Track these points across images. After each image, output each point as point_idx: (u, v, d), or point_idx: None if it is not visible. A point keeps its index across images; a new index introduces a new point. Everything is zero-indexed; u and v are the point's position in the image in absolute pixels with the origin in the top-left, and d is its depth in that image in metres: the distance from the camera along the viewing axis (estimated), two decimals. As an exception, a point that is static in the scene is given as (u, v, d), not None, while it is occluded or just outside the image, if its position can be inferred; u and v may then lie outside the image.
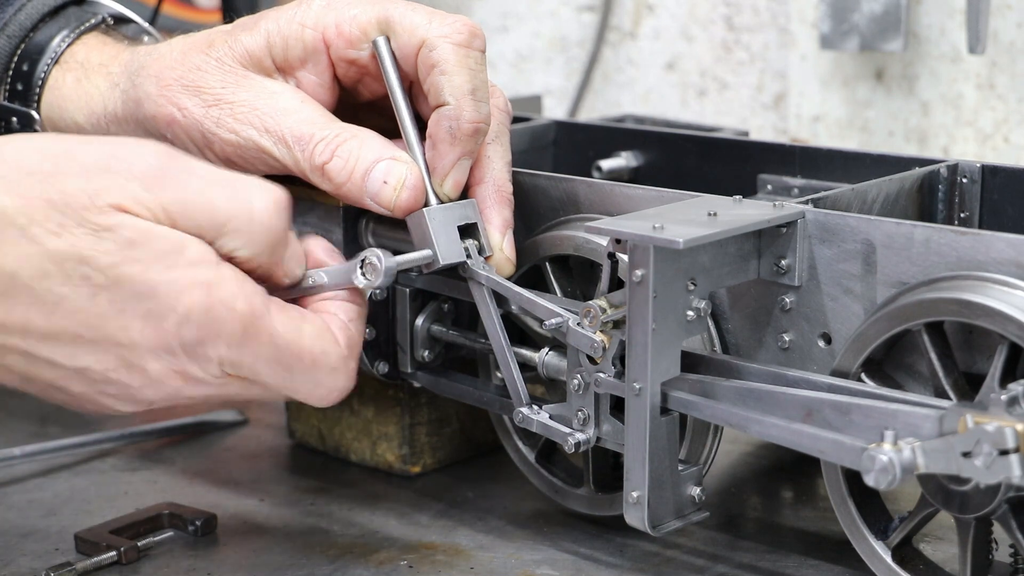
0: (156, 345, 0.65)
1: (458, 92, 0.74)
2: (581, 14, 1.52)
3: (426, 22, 0.75)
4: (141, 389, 0.67)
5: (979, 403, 0.64)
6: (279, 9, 0.78)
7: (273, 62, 0.77)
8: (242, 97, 0.76)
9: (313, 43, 0.76)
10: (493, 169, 0.78)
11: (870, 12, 1.21)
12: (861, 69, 1.27)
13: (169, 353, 0.66)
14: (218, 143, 0.76)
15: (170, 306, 0.65)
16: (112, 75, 0.81)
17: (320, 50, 0.77)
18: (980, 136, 1.22)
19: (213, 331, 0.66)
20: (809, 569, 0.76)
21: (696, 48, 1.44)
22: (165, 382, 0.67)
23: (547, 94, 1.52)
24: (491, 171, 0.78)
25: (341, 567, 0.77)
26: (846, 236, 0.70)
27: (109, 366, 0.66)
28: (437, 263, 0.74)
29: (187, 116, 0.76)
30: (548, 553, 0.78)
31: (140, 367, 0.66)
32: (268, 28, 0.77)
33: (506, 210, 0.77)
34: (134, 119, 0.79)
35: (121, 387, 0.67)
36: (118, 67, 0.81)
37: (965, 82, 1.22)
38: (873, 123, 1.27)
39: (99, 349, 0.65)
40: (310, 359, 0.69)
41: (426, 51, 0.75)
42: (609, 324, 0.71)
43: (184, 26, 1.56)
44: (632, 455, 0.70)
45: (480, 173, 0.77)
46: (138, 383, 0.67)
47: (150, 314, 0.65)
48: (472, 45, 0.75)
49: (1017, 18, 1.19)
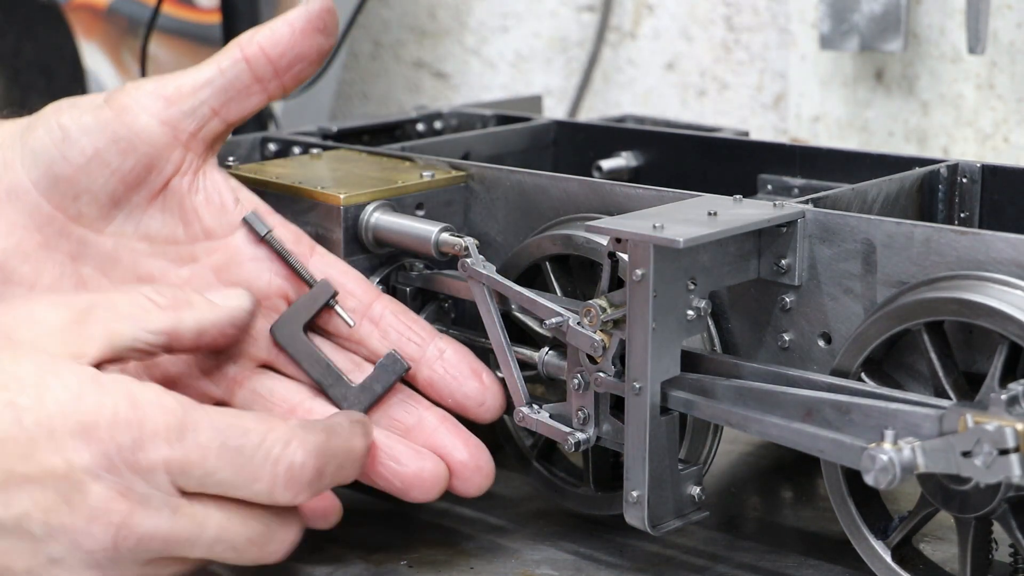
0: (93, 461, 0.62)
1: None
2: (581, 14, 1.52)
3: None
4: (88, 531, 0.62)
5: (979, 403, 0.64)
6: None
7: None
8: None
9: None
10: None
11: (870, 12, 1.21)
12: (861, 69, 1.27)
13: (109, 468, 0.62)
14: None
15: (96, 415, 0.62)
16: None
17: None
18: (980, 136, 1.22)
19: (149, 429, 0.63)
20: (809, 569, 0.76)
21: (696, 48, 1.44)
22: (111, 509, 0.62)
23: (547, 94, 1.52)
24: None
25: (341, 567, 0.76)
26: (846, 236, 0.70)
27: (50, 504, 0.62)
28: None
29: None
30: (548, 553, 0.78)
31: (81, 496, 0.62)
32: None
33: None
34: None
35: (66, 541, 0.62)
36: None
37: (965, 82, 1.22)
38: (873, 123, 1.27)
39: (35, 484, 0.62)
40: (257, 434, 0.65)
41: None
42: (609, 323, 0.71)
43: (184, 26, 1.56)
44: (632, 454, 0.70)
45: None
46: (83, 522, 0.62)
47: (80, 427, 0.62)
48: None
49: (1017, 18, 1.19)
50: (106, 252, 0.77)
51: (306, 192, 0.81)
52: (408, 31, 1.68)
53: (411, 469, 0.73)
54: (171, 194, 0.77)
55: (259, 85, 0.77)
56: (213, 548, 0.66)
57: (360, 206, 0.80)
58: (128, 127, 0.75)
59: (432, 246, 0.78)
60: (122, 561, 0.64)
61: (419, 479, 0.73)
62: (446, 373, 0.76)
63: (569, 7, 1.53)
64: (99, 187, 0.75)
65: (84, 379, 0.64)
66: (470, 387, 0.76)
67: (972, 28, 1.13)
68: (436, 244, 0.78)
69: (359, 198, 0.80)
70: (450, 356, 0.76)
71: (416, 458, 0.73)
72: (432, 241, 0.78)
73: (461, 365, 0.76)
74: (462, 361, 0.76)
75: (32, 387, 0.63)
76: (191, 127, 0.76)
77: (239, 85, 0.77)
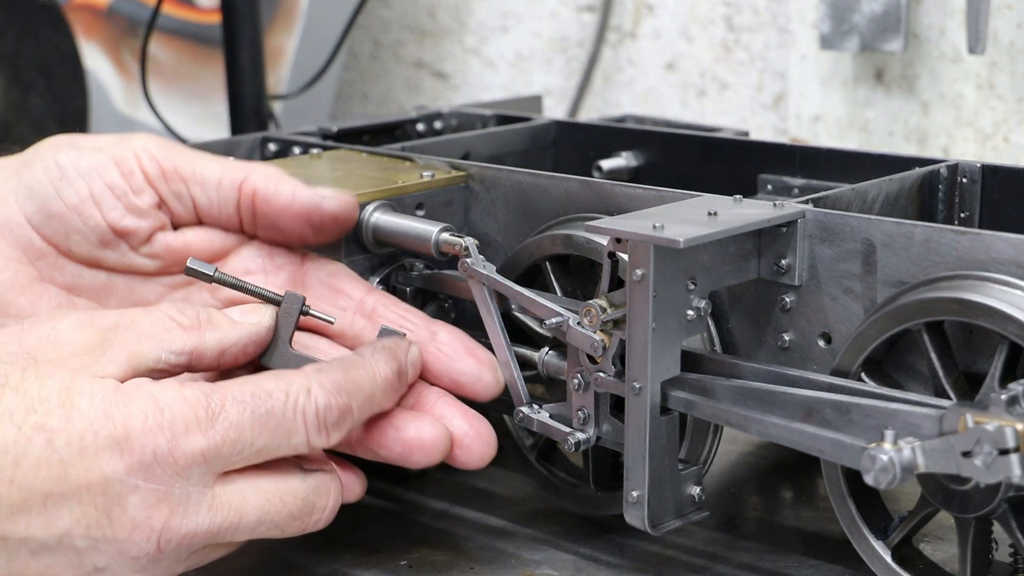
0: (129, 472, 0.63)
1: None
2: (581, 14, 1.52)
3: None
4: (131, 540, 0.63)
5: (979, 403, 0.64)
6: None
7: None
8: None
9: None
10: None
11: (870, 12, 1.21)
12: (861, 69, 1.27)
13: (147, 475, 0.63)
14: None
15: (127, 427, 0.63)
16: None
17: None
18: (980, 136, 1.22)
19: (180, 427, 0.64)
20: (809, 569, 0.76)
21: (696, 48, 1.44)
22: (152, 516, 0.63)
23: (547, 94, 1.52)
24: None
25: (341, 567, 0.77)
26: (846, 236, 0.70)
27: (90, 519, 0.63)
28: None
29: None
30: (548, 553, 0.78)
31: (120, 507, 0.63)
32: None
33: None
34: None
35: (111, 551, 0.64)
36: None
37: (965, 82, 1.22)
38: (873, 123, 1.27)
39: (73, 501, 0.63)
40: (280, 391, 0.66)
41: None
42: (609, 323, 0.71)
43: (184, 26, 1.56)
44: (632, 455, 0.70)
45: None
46: (125, 532, 0.63)
47: (113, 441, 0.63)
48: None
49: (1017, 18, 1.19)
50: (100, 283, 0.78)
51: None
52: (408, 31, 1.68)
53: (411, 432, 0.72)
54: (158, 239, 0.78)
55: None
56: (257, 530, 0.67)
57: (360, 206, 0.80)
58: (123, 179, 0.76)
59: (432, 246, 0.78)
60: (166, 560, 0.65)
61: (420, 441, 0.72)
62: (440, 353, 0.76)
63: (569, 7, 1.53)
64: (90, 229, 0.76)
65: (108, 392, 0.64)
66: (465, 364, 0.76)
67: (972, 28, 1.13)
68: (436, 244, 0.78)
69: (359, 198, 0.80)
70: (444, 336, 0.76)
71: (415, 420, 0.73)
72: (432, 241, 0.78)
73: (455, 344, 0.76)
74: (456, 340, 0.76)
75: (58, 407, 0.63)
76: (180, 198, 0.78)
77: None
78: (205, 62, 1.55)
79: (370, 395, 0.70)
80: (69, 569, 0.64)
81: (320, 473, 0.70)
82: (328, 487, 0.70)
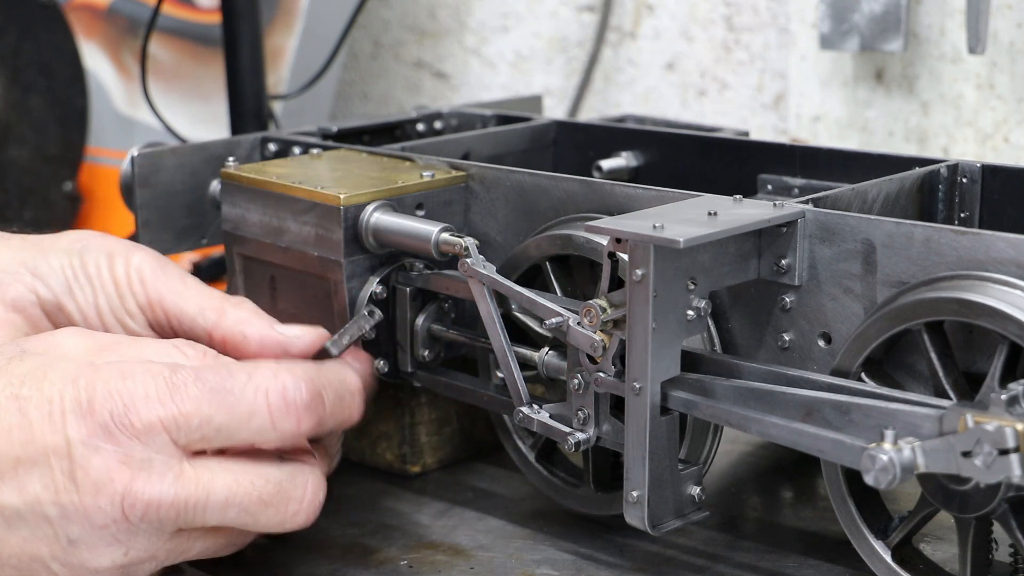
0: (90, 433, 0.65)
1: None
2: (581, 14, 1.52)
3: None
4: (96, 504, 0.64)
5: (979, 403, 0.64)
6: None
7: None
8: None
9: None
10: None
11: (870, 12, 1.21)
12: (861, 69, 1.27)
13: (107, 437, 0.65)
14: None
15: (90, 392, 0.65)
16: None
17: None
18: (980, 136, 1.22)
19: (140, 393, 0.65)
20: (809, 569, 0.76)
21: (696, 48, 1.44)
22: (113, 478, 0.64)
23: (547, 94, 1.52)
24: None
25: (341, 567, 0.77)
26: (846, 236, 0.70)
27: (58, 484, 0.64)
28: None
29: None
30: (548, 553, 0.78)
31: (83, 471, 0.64)
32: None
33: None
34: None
35: (80, 519, 0.65)
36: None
37: (965, 82, 1.22)
38: (873, 123, 1.27)
39: (42, 466, 0.64)
40: (244, 372, 0.68)
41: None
42: (609, 323, 0.71)
43: (184, 26, 1.56)
44: (632, 455, 0.70)
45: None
46: (90, 496, 0.64)
47: (76, 404, 0.65)
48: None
49: (1017, 18, 1.19)
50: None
51: (306, 192, 0.81)
52: (408, 31, 1.68)
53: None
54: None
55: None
56: (226, 513, 0.67)
57: (360, 206, 0.80)
58: (119, 302, 0.77)
59: (432, 246, 0.78)
60: (139, 533, 0.66)
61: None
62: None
63: (569, 7, 1.53)
64: (89, 325, 0.77)
65: (81, 365, 0.67)
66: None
67: (972, 28, 1.13)
68: (436, 244, 0.78)
69: (359, 198, 0.80)
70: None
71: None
72: (432, 241, 0.78)
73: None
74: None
75: (33, 379, 0.66)
76: (162, 326, 0.78)
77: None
78: (205, 62, 1.55)
79: (340, 394, 0.71)
80: (45, 542, 0.65)
81: (298, 463, 0.70)
82: (305, 477, 0.70)
